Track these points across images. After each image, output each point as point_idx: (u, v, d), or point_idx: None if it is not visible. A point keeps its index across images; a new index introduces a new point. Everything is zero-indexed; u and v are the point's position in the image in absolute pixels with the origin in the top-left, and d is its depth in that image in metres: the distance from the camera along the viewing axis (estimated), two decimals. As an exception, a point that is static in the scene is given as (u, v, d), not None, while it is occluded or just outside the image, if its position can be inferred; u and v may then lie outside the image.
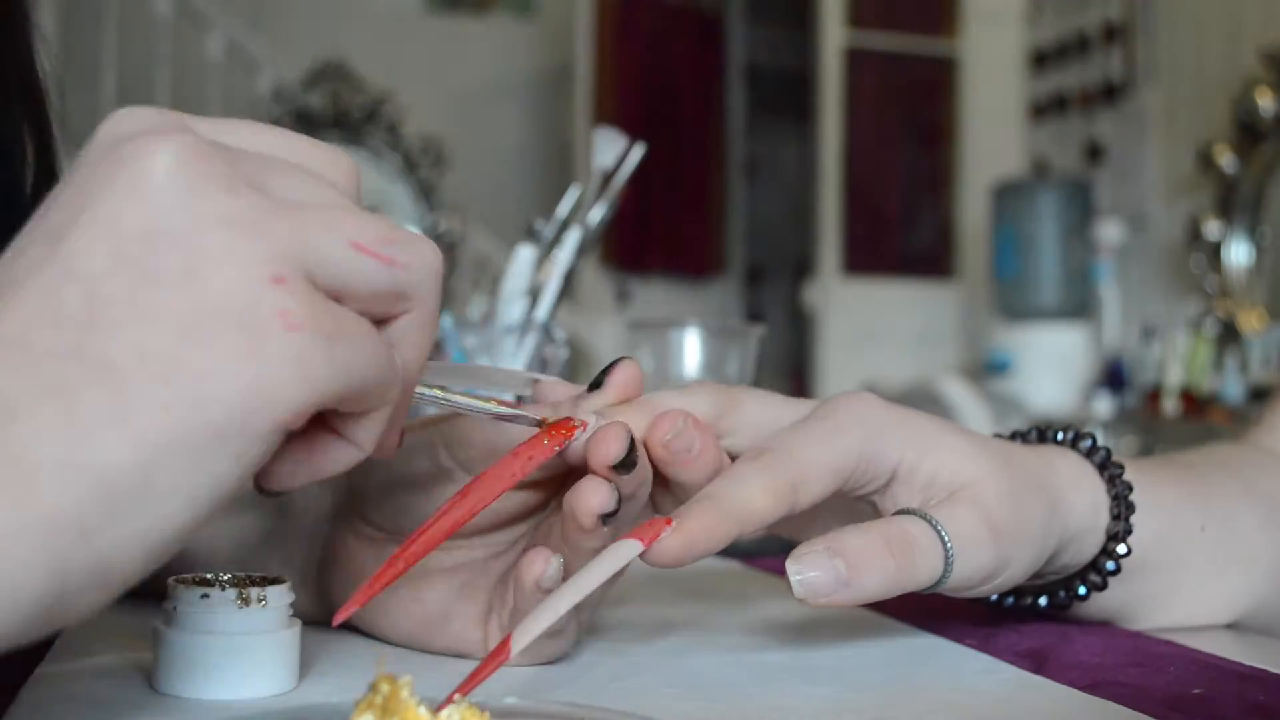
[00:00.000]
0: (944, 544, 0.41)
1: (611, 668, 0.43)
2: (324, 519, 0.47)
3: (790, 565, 0.39)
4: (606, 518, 0.38)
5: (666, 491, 0.42)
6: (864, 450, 0.41)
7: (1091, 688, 0.40)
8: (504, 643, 0.34)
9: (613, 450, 0.38)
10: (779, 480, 0.39)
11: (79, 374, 0.26)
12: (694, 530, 0.37)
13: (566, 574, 0.40)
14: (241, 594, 0.37)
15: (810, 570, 0.39)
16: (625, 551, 0.36)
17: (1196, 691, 0.39)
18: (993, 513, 0.42)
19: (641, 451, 0.39)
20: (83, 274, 0.27)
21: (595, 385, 0.42)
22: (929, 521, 0.41)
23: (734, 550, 0.73)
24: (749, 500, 0.39)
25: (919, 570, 0.40)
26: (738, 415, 0.43)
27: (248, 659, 0.37)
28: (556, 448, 0.39)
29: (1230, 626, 0.52)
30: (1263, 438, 0.56)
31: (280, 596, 0.38)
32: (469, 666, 0.34)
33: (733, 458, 0.42)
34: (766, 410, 0.44)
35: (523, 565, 0.40)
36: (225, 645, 0.37)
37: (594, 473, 0.38)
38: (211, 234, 0.27)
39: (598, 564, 0.36)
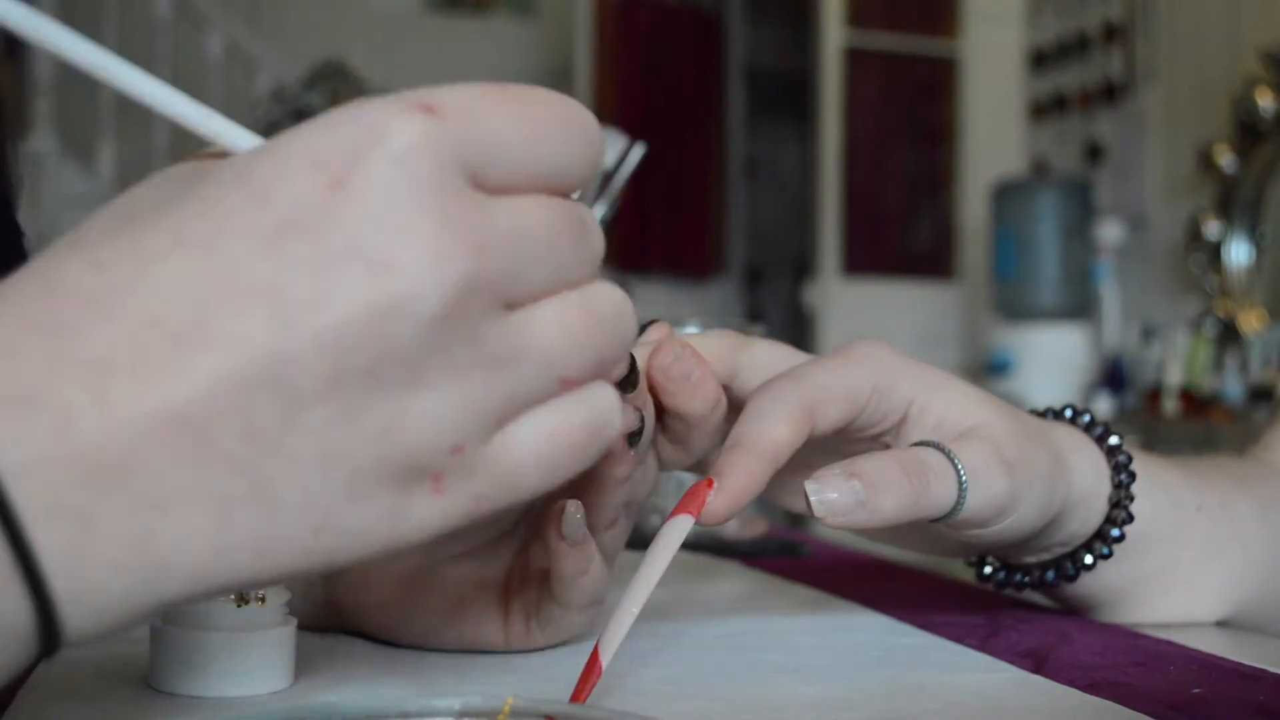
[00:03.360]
0: (958, 471, 0.42)
1: (611, 667, 0.43)
2: None
3: (809, 485, 0.40)
4: (632, 438, 0.40)
5: (676, 441, 0.44)
6: (877, 383, 0.44)
7: (1091, 688, 0.40)
8: (593, 657, 0.36)
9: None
10: (795, 406, 0.41)
11: (243, 492, 0.25)
12: (734, 484, 0.39)
13: (593, 518, 0.42)
14: (239, 591, 0.37)
15: (829, 491, 0.40)
16: (680, 528, 0.38)
17: (1196, 691, 0.38)
18: (1004, 447, 0.44)
19: (643, 381, 0.41)
20: (292, 391, 0.24)
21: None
22: (943, 451, 0.43)
23: (734, 550, 0.73)
24: (773, 432, 0.40)
25: (935, 494, 0.42)
26: (749, 354, 0.45)
27: (244, 656, 0.37)
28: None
29: (1226, 624, 0.52)
30: (1262, 454, 0.57)
31: (277, 594, 0.38)
32: (472, 666, 0.34)
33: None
34: (778, 352, 0.45)
35: (544, 520, 0.42)
36: (222, 642, 0.37)
37: None
38: (432, 401, 0.26)
39: (658, 550, 0.37)
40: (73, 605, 0.24)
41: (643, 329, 0.44)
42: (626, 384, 0.38)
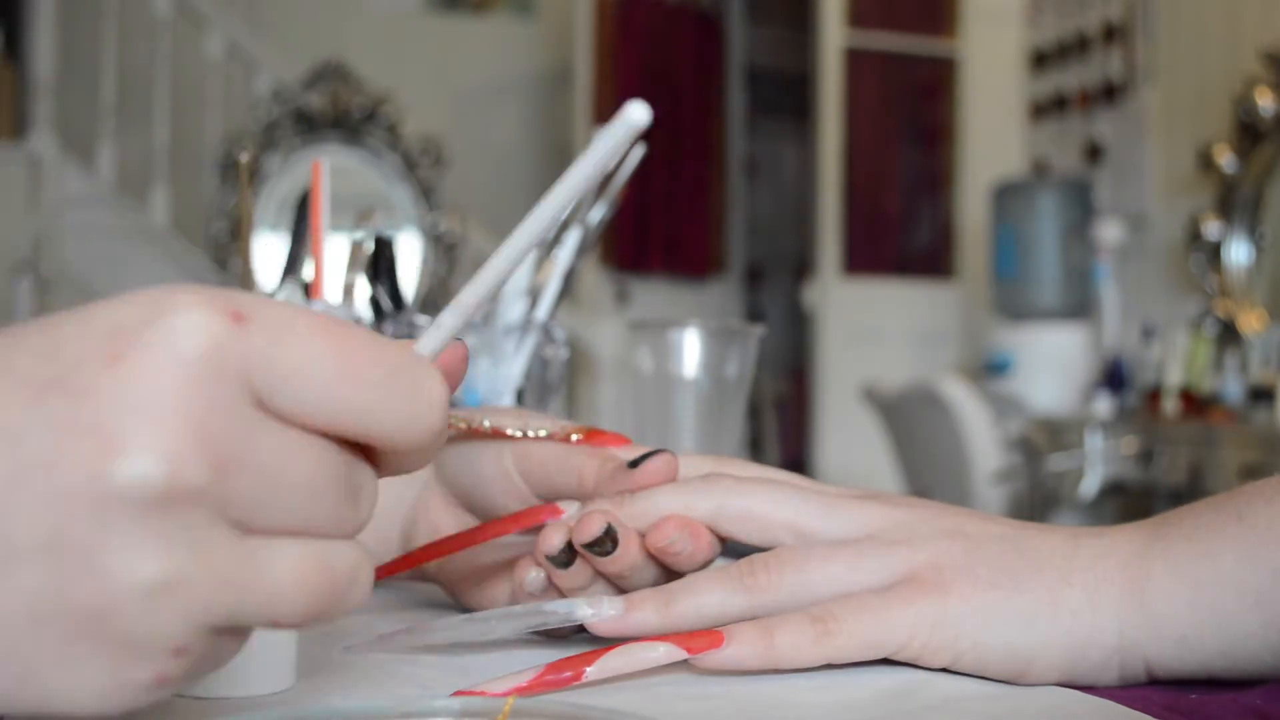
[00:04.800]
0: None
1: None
2: (417, 484, 0.52)
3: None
4: (556, 561, 0.44)
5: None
6: (915, 641, 0.41)
7: (1091, 688, 0.40)
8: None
9: (590, 530, 0.42)
10: (827, 654, 0.41)
11: None
12: (743, 656, 0.41)
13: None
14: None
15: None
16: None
17: (1194, 696, 0.39)
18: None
19: (629, 542, 0.43)
20: (6, 541, 0.25)
21: (634, 464, 0.45)
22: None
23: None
24: (796, 661, 0.41)
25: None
26: (737, 508, 0.45)
27: (245, 656, 0.37)
28: (536, 524, 0.45)
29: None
30: None
31: (279, 595, 0.38)
32: (472, 666, 0.34)
33: (746, 546, 0.45)
34: (771, 503, 0.45)
35: (517, 568, 0.45)
36: (224, 644, 0.37)
37: (577, 549, 0.43)
38: (141, 597, 0.25)
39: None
40: None
41: (647, 457, 0.45)
42: (604, 545, 0.42)
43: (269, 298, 0.27)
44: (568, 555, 0.44)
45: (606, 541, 0.43)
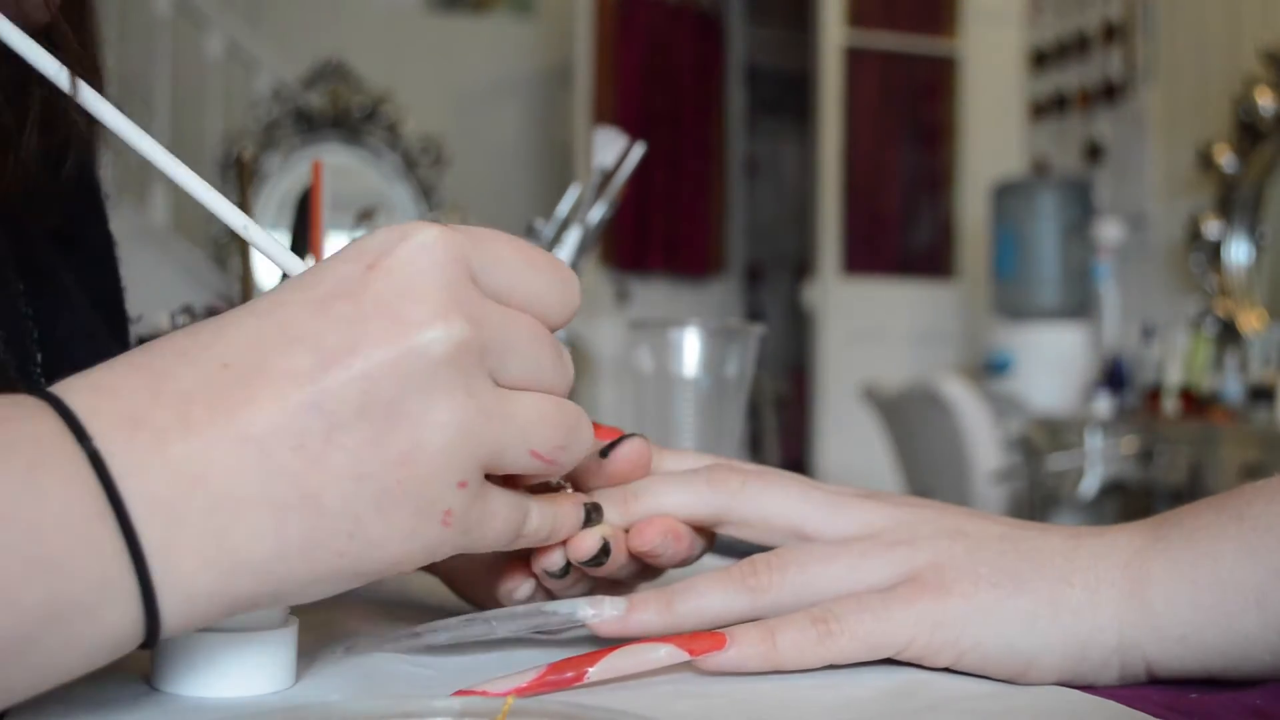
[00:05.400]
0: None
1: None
2: None
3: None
4: (554, 575, 0.44)
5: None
6: (917, 642, 0.41)
7: (1090, 687, 0.40)
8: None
9: (585, 548, 0.43)
10: (829, 655, 0.41)
11: (296, 500, 0.32)
12: (745, 657, 0.41)
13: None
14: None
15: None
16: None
17: (1194, 695, 0.39)
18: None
19: (620, 550, 0.44)
20: (330, 414, 0.32)
21: (604, 454, 0.45)
22: None
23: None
24: (798, 662, 0.41)
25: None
26: (742, 510, 0.45)
27: (245, 656, 0.37)
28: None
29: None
30: None
31: (279, 595, 0.38)
32: (472, 666, 0.34)
33: (747, 545, 0.45)
34: (774, 503, 0.45)
35: (503, 577, 0.46)
36: (224, 642, 0.37)
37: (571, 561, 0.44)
38: (440, 432, 0.33)
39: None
40: (168, 591, 0.30)
41: (620, 441, 0.45)
42: (594, 562, 0.43)
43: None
44: (565, 569, 0.44)
45: (601, 555, 0.43)
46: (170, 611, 0.31)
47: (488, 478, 0.35)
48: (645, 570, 0.46)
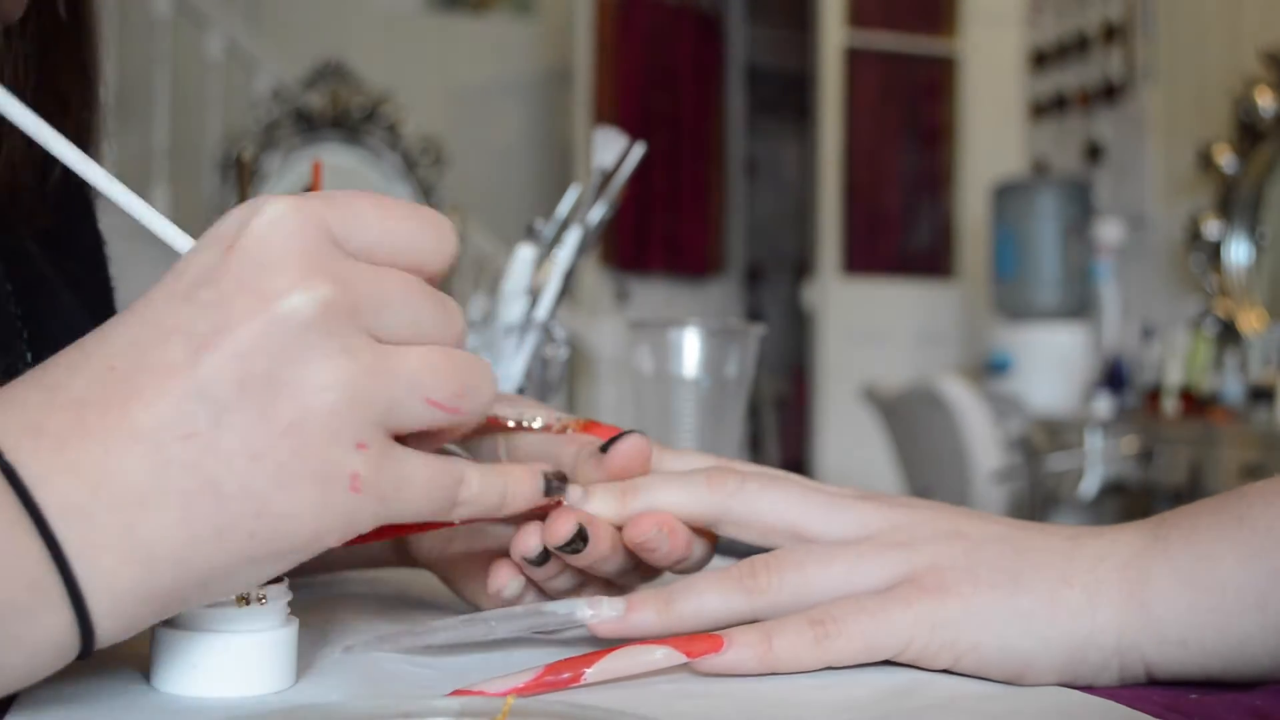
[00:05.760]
0: None
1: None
2: None
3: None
4: (532, 561, 0.44)
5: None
6: (915, 644, 0.41)
7: (1091, 688, 0.40)
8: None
9: (559, 533, 0.43)
10: (826, 657, 0.41)
11: (195, 487, 0.32)
12: (742, 660, 0.41)
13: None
14: (241, 593, 0.37)
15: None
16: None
17: (1194, 696, 0.39)
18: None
19: (601, 534, 0.43)
20: (213, 399, 0.32)
21: (604, 449, 0.45)
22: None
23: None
24: (795, 664, 0.41)
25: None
26: (740, 510, 0.45)
27: (245, 656, 0.37)
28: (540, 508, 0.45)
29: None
30: None
31: (279, 595, 0.38)
32: (472, 666, 0.34)
33: (747, 546, 0.45)
34: (773, 504, 0.45)
35: (492, 573, 0.46)
36: (224, 643, 0.37)
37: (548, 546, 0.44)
38: (323, 395, 0.33)
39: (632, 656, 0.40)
40: (94, 592, 0.31)
41: (620, 437, 0.45)
42: (569, 547, 0.43)
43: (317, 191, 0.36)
44: (543, 555, 0.44)
45: (578, 541, 0.43)
46: (101, 612, 0.31)
47: (404, 440, 0.35)
48: (641, 569, 0.46)
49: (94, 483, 0.31)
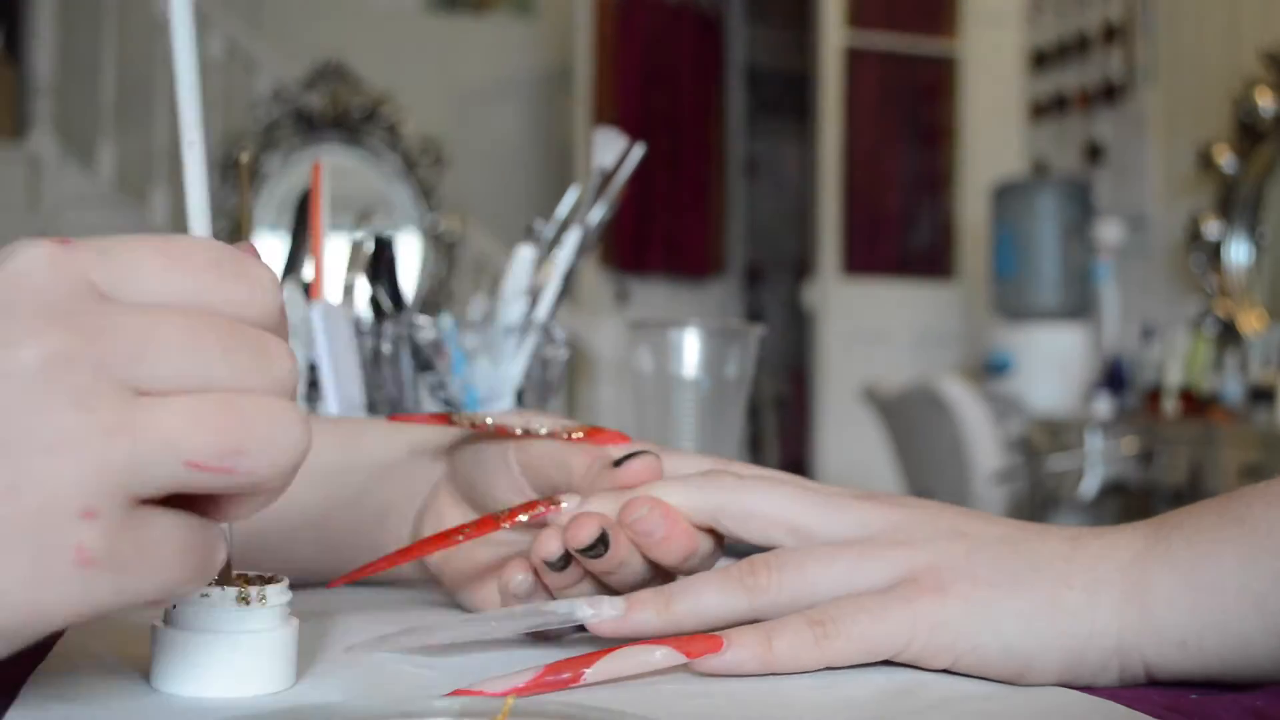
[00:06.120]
0: None
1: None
2: (430, 484, 0.54)
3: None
4: (553, 566, 0.44)
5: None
6: (914, 644, 0.41)
7: (1091, 688, 0.40)
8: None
9: (581, 536, 0.43)
10: (826, 657, 0.41)
11: None
12: (742, 660, 0.41)
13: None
14: (241, 592, 0.37)
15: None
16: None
17: (1195, 696, 0.39)
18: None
19: (621, 538, 0.43)
20: None
21: (619, 463, 0.46)
22: None
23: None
24: (795, 664, 0.41)
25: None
26: (739, 510, 0.45)
27: (245, 656, 0.37)
28: (536, 517, 0.46)
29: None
30: None
31: (279, 595, 0.38)
32: (472, 666, 0.34)
33: (747, 546, 0.45)
34: (772, 504, 0.45)
35: (505, 571, 0.46)
36: (224, 643, 0.37)
37: (569, 549, 0.43)
38: (39, 457, 0.28)
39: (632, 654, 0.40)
40: None
41: (631, 456, 0.45)
42: (592, 551, 0.43)
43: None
44: (564, 560, 0.44)
45: (599, 545, 0.43)
46: None
47: (169, 502, 0.31)
48: (660, 578, 0.46)
49: None
